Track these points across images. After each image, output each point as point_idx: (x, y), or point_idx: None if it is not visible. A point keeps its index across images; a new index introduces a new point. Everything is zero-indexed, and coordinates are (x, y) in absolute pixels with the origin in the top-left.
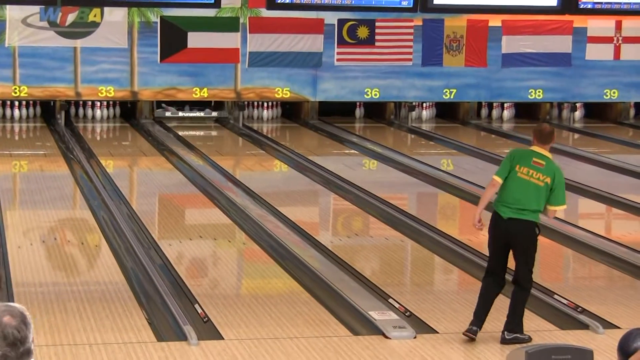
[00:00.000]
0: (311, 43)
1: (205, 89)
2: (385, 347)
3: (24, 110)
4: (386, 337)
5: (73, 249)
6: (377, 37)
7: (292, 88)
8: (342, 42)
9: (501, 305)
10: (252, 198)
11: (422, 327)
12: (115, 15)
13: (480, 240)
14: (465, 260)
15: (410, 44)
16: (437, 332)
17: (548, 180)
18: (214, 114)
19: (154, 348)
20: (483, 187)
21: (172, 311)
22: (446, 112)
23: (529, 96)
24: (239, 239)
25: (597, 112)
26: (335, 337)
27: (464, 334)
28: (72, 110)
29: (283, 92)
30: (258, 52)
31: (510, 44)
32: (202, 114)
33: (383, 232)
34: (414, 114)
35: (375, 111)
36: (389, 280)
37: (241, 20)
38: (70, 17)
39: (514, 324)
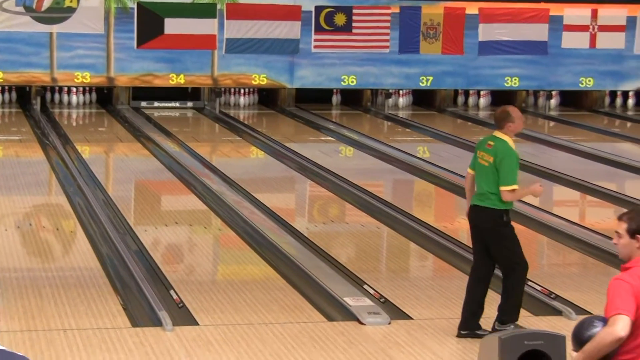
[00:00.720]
0: (288, 30)
1: (182, 76)
2: (360, 333)
3: None
4: (361, 323)
5: (48, 234)
6: (354, 24)
7: (269, 75)
8: (319, 29)
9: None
10: (228, 184)
11: (396, 313)
12: (92, 1)
13: (456, 227)
14: (440, 247)
15: (388, 31)
16: (412, 318)
17: (491, 159)
18: (190, 104)
19: (128, 334)
20: (459, 175)
21: (147, 297)
22: (423, 99)
23: (505, 84)
24: (214, 225)
25: (572, 100)
26: (310, 323)
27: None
28: (48, 96)
29: (260, 79)
30: (235, 38)
31: (486, 32)
32: (178, 104)
33: (359, 218)
34: (390, 101)
35: (352, 98)
36: (364, 266)
37: (218, 7)
38: (47, 3)
39: (502, 313)
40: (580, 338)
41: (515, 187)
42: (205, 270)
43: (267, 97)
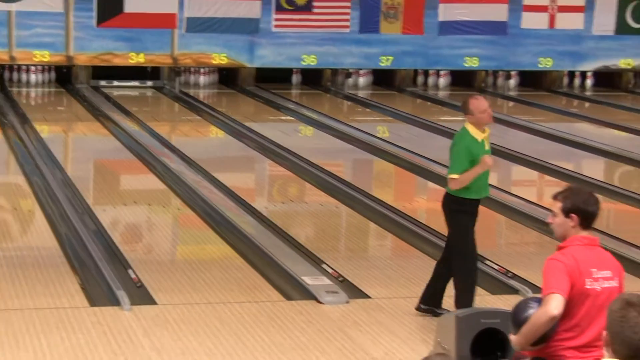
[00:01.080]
0: (249, 9)
1: (141, 55)
2: (318, 312)
3: None
4: (319, 302)
5: (6, 214)
6: (314, 4)
7: (229, 54)
8: (279, 9)
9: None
10: (187, 164)
11: (355, 292)
12: None
13: (415, 207)
14: (399, 226)
15: (348, 10)
16: (370, 297)
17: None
18: (150, 83)
19: (86, 313)
20: (418, 155)
21: (106, 276)
22: (382, 79)
23: (465, 64)
24: (174, 205)
25: (531, 80)
26: (268, 302)
27: None
28: (7, 74)
29: (220, 58)
30: (196, 17)
31: (447, 12)
32: (137, 83)
33: (318, 198)
34: (350, 81)
35: (312, 78)
36: (323, 246)
37: None
38: None
39: (427, 295)
40: (518, 320)
41: (454, 175)
42: (164, 250)
43: (227, 77)
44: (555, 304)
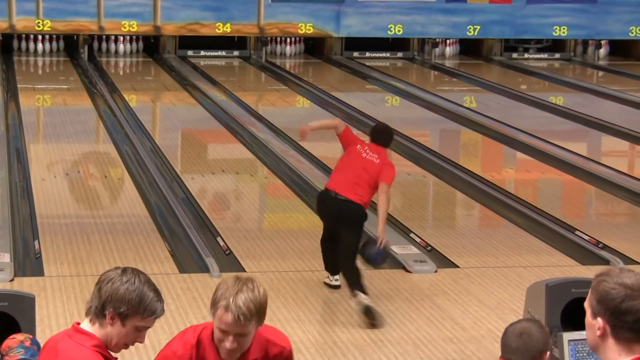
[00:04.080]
0: None
1: (228, 24)
2: (407, 280)
3: (47, 44)
4: (407, 271)
5: (96, 182)
6: None
7: (315, 24)
8: None
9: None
10: (274, 133)
11: (443, 261)
12: None
13: (503, 177)
14: (487, 196)
15: None
16: (458, 267)
17: None
18: (237, 53)
19: (176, 279)
20: (506, 124)
21: (195, 244)
22: (470, 48)
23: (554, 33)
24: (261, 174)
25: (622, 49)
26: None
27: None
28: (95, 44)
29: (306, 28)
30: None
31: None
32: (224, 52)
33: (405, 168)
34: (437, 50)
35: (399, 47)
36: (411, 215)
37: None
38: None
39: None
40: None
41: None
42: (251, 218)
43: (313, 46)
44: None
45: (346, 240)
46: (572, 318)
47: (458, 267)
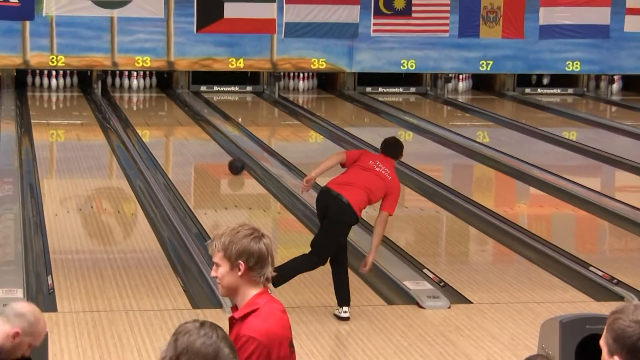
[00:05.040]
0: (347, 14)
1: (241, 60)
2: (420, 316)
3: (61, 80)
4: (420, 306)
5: (109, 217)
6: (413, 8)
7: (328, 59)
8: (378, 13)
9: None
10: (287, 168)
11: (456, 297)
12: None
13: (516, 212)
14: (500, 231)
15: (447, 15)
16: (471, 302)
17: None
18: (250, 88)
19: (189, 315)
20: (519, 159)
21: (208, 279)
22: (482, 83)
23: (567, 68)
24: (274, 209)
25: (635, 84)
26: (369, 306)
27: None
28: (109, 79)
29: (319, 63)
30: (294, 22)
31: (547, 15)
32: (237, 88)
33: (418, 203)
34: (450, 85)
35: (411, 82)
36: (424, 250)
37: None
38: None
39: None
40: None
41: None
42: None
43: (326, 81)
44: None
45: (318, 237)
46: (587, 355)
47: (471, 302)
